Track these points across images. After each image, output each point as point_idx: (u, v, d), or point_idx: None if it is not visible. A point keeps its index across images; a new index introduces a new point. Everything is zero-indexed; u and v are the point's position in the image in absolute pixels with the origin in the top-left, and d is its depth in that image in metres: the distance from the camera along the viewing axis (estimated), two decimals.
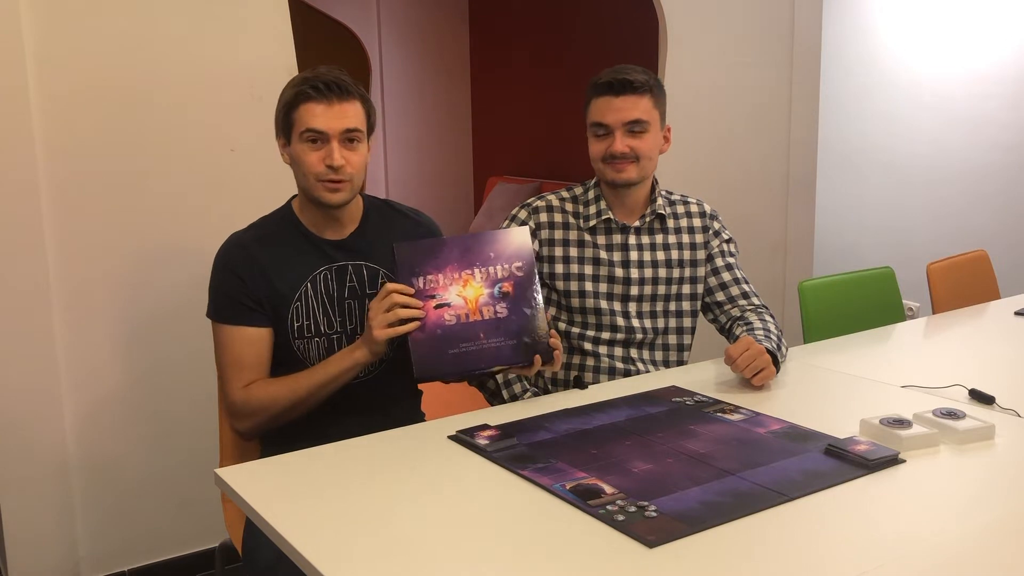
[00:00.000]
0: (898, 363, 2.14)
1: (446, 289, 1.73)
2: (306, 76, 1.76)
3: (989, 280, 3.09)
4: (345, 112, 1.74)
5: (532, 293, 1.79)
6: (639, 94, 2.00)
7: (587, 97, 2.06)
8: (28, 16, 2.21)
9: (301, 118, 1.74)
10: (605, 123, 2.01)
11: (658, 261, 2.10)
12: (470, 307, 1.75)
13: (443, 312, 1.73)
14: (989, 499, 1.36)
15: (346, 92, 1.75)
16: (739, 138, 3.59)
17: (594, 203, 2.09)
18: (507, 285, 1.77)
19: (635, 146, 2.00)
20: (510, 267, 1.78)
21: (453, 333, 1.72)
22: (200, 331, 2.43)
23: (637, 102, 2.00)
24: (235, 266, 1.78)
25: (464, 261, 1.75)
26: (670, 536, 1.22)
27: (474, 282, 1.75)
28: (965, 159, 4.70)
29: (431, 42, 6.22)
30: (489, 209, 5.80)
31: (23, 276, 2.27)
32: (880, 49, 5.00)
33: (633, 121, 1.99)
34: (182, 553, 2.59)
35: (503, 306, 1.76)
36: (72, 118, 2.30)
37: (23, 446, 2.33)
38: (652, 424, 1.66)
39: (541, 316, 1.78)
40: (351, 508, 1.33)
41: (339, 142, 1.74)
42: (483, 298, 1.75)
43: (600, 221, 2.08)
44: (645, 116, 2.00)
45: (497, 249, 1.78)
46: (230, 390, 1.77)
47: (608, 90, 2.00)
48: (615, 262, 2.07)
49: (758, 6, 3.58)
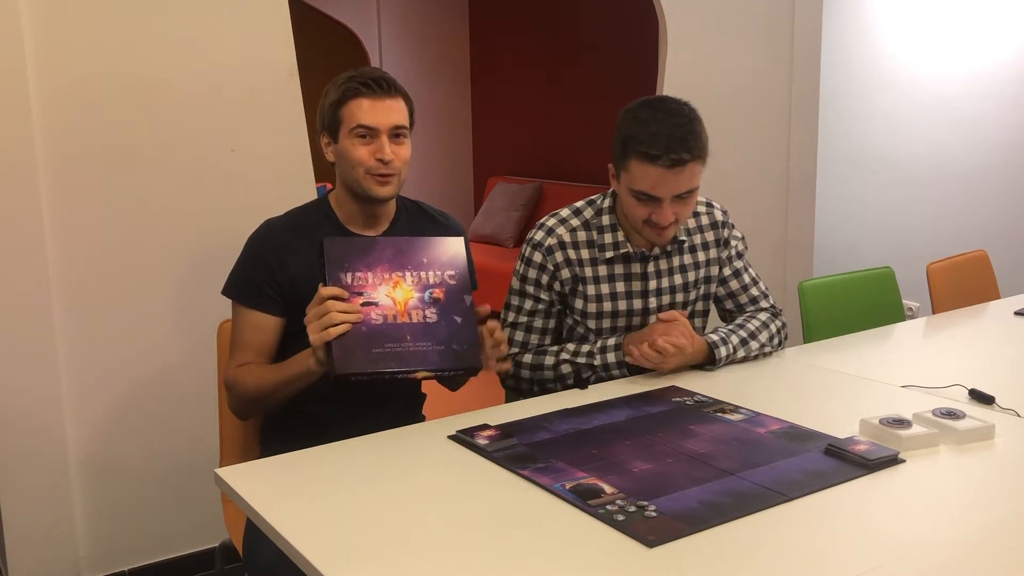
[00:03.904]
0: (898, 363, 2.14)
1: (375, 288, 1.67)
2: (351, 75, 1.80)
3: (989, 280, 3.09)
4: (392, 108, 1.79)
5: (464, 303, 1.71)
6: (696, 162, 1.82)
7: (627, 152, 1.84)
8: (28, 16, 2.21)
9: (351, 114, 1.78)
10: (655, 195, 1.83)
11: (676, 286, 2.05)
12: (398, 308, 1.67)
13: (370, 310, 1.65)
14: (989, 499, 1.36)
15: (393, 88, 1.81)
16: (739, 138, 3.60)
17: (609, 232, 1.99)
18: (438, 291, 1.70)
19: (680, 212, 1.88)
20: (443, 274, 1.71)
21: (379, 332, 1.64)
22: (200, 331, 2.44)
23: (693, 171, 1.83)
24: (265, 252, 1.82)
25: (396, 263, 1.69)
26: (670, 536, 1.22)
27: (404, 284, 1.69)
28: (965, 159, 4.70)
29: (431, 42, 6.22)
30: (489, 209, 5.80)
31: (23, 276, 2.27)
32: (880, 49, 5.00)
33: (686, 192, 1.85)
34: (182, 553, 2.59)
35: (432, 311, 1.68)
36: (72, 118, 2.30)
37: (23, 446, 2.33)
38: (652, 424, 1.66)
39: (472, 326, 1.70)
40: (351, 508, 1.33)
41: (388, 137, 1.78)
42: (412, 301, 1.68)
43: (618, 254, 1.99)
44: (696, 182, 1.86)
45: (431, 255, 1.72)
46: (227, 366, 1.83)
47: (660, 162, 1.79)
48: (633, 292, 2.02)
49: (758, 6, 3.58)
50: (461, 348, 1.67)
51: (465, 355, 1.67)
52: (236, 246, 1.89)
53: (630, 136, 1.83)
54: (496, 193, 5.84)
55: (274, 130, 2.57)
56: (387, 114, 1.78)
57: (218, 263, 2.49)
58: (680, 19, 3.37)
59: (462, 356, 1.67)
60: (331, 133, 1.83)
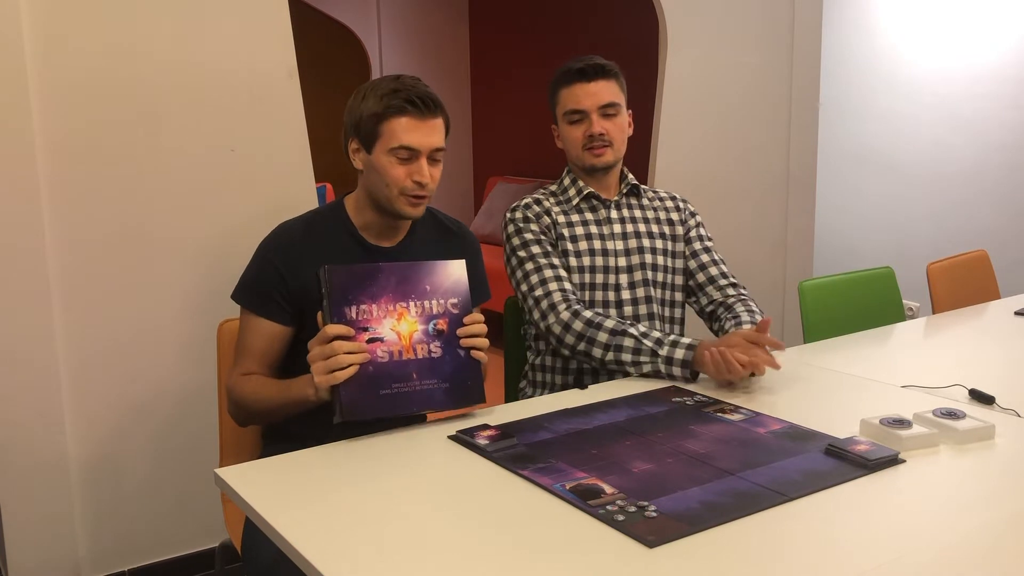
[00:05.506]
0: (898, 363, 2.14)
1: (380, 322, 1.60)
2: (395, 87, 1.74)
3: (989, 280, 3.09)
4: (435, 129, 1.76)
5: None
6: (608, 78, 2.10)
7: (555, 88, 2.14)
8: (28, 16, 2.21)
9: (393, 132, 1.73)
10: (581, 108, 2.08)
11: (640, 232, 2.17)
12: (403, 343, 1.62)
13: (376, 347, 1.59)
14: (989, 499, 1.36)
15: (437, 107, 1.76)
16: (739, 138, 3.59)
17: (572, 186, 2.19)
18: (441, 322, 1.65)
19: (609, 129, 2.09)
20: (446, 303, 1.66)
21: (386, 372, 1.60)
22: (201, 330, 2.44)
23: (608, 86, 2.09)
24: (278, 260, 1.78)
25: (399, 292, 1.63)
26: (670, 536, 1.22)
27: (408, 316, 1.63)
28: (965, 159, 4.70)
29: (431, 42, 6.22)
30: (489, 209, 5.80)
31: (23, 276, 2.27)
32: (880, 49, 5.00)
33: (607, 104, 2.08)
34: (182, 553, 2.59)
35: (436, 345, 1.64)
36: (72, 118, 2.30)
37: (23, 446, 2.33)
38: (652, 424, 1.66)
39: (475, 363, 1.68)
40: (351, 508, 1.33)
41: (427, 158, 1.75)
42: (417, 335, 1.63)
43: (582, 199, 2.16)
44: (616, 99, 2.10)
45: (434, 282, 1.67)
46: (230, 371, 1.81)
47: (580, 76, 2.08)
48: (604, 236, 2.14)
49: (758, 6, 3.58)
50: (465, 384, 1.66)
51: (470, 392, 1.68)
52: (236, 246, 1.89)
53: (554, 81, 2.15)
54: (496, 193, 5.84)
55: (274, 130, 2.57)
56: (429, 136, 1.74)
57: (218, 263, 2.50)
58: (680, 19, 3.37)
59: (467, 393, 1.67)
60: (365, 143, 1.77)
